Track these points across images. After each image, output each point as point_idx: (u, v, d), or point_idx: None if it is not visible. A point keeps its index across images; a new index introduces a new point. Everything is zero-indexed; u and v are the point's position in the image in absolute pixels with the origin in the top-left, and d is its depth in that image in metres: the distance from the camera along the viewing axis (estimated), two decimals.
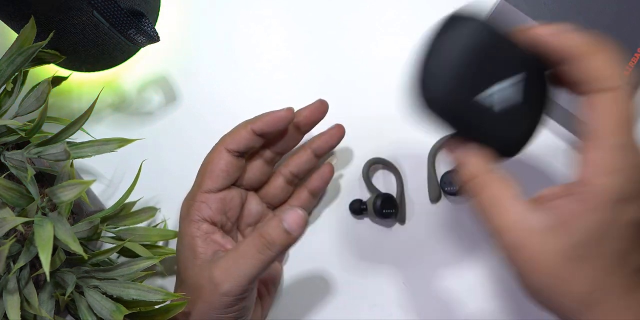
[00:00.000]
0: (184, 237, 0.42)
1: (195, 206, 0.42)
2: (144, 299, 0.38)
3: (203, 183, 0.43)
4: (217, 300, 0.39)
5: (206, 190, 0.43)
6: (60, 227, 0.36)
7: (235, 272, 0.38)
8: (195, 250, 0.41)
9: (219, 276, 0.39)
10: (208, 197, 0.43)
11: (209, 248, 0.42)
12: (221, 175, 0.43)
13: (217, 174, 0.43)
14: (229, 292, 0.38)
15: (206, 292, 0.39)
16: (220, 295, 0.39)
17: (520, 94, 0.35)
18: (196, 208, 0.42)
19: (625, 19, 0.49)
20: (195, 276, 0.40)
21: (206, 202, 0.43)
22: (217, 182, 0.43)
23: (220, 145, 0.43)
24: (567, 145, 0.52)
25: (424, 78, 0.33)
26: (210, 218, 0.43)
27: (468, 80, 0.33)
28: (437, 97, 0.33)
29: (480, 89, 0.33)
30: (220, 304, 0.39)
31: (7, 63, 0.40)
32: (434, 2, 0.53)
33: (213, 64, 0.52)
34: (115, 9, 0.40)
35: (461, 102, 0.33)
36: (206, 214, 0.43)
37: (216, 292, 0.39)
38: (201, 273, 0.40)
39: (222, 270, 0.39)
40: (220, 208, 0.43)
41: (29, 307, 0.36)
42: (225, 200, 0.43)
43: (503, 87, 0.34)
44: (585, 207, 0.31)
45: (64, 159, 0.37)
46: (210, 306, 0.39)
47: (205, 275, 0.39)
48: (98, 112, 0.51)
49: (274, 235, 0.38)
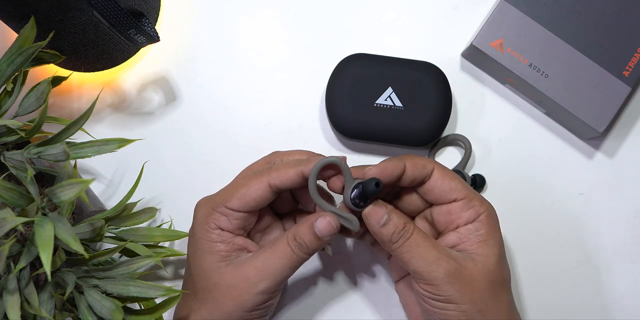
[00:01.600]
0: (203, 242, 0.42)
1: (216, 216, 0.42)
2: (145, 295, 0.38)
3: (231, 199, 0.42)
4: (250, 299, 0.41)
5: (230, 208, 0.42)
6: (61, 227, 0.35)
7: (271, 271, 0.41)
8: (218, 254, 0.42)
9: (255, 276, 0.41)
10: (230, 213, 0.42)
11: (233, 251, 0.42)
12: (252, 203, 0.42)
13: (247, 201, 0.42)
14: (265, 290, 0.41)
15: (238, 292, 0.41)
16: (256, 293, 0.41)
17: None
18: (216, 218, 0.42)
19: (625, 19, 0.49)
20: (228, 278, 0.41)
21: (227, 217, 0.42)
22: (244, 207, 0.42)
23: (265, 177, 0.42)
24: (567, 145, 0.52)
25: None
26: (228, 230, 0.43)
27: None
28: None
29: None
30: (253, 302, 0.41)
31: (7, 63, 0.40)
32: (434, 3, 0.53)
33: (213, 64, 0.52)
34: (115, 9, 0.40)
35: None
36: (224, 225, 0.42)
37: (252, 291, 0.41)
38: (232, 273, 0.41)
39: (258, 270, 0.41)
40: (240, 224, 0.43)
41: (29, 307, 0.36)
42: (246, 218, 0.43)
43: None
44: (489, 229, 0.42)
45: (64, 159, 0.37)
46: (240, 305, 0.41)
47: (239, 275, 0.41)
48: (98, 112, 0.51)
49: (306, 239, 0.41)
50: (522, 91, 0.51)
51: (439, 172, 0.42)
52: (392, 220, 0.41)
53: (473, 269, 0.40)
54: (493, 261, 0.41)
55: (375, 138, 0.49)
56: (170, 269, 0.49)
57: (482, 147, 0.51)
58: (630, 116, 0.52)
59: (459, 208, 0.42)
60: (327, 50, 0.52)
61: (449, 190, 0.42)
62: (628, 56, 0.49)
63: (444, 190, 0.42)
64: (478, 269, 0.40)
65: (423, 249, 0.40)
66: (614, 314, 0.50)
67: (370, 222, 0.41)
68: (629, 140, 0.52)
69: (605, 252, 0.51)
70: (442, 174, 0.42)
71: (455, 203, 0.42)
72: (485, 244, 0.41)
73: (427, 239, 0.41)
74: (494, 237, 0.42)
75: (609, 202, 0.51)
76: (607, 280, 0.51)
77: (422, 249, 0.40)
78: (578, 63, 0.49)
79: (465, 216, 0.42)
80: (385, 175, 0.41)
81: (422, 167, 0.42)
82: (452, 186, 0.42)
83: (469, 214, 0.42)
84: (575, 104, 0.49)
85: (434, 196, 0.43)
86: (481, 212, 0.42)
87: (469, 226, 0.42)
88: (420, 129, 0.48)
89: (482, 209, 0.42)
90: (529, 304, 0.50)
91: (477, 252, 0.41)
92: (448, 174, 0.43)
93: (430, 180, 0.42)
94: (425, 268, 0.40)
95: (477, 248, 0.41)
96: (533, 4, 0.49)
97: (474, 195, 0.42)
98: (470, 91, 0.52)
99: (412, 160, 0.42)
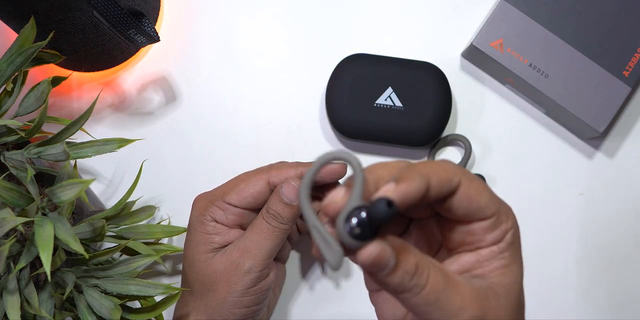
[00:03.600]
0: (199, 233, 0.43)
1: (213, 209, 0.43)
2: (144, 294, 0.38)
3: (229, 193, 0.43)
4: (239, 281, 0.41)
5: (228, 202, 0.43)
6: (61, 227, 0.36)
7: (252, 248, 0.41)
8: (211, 246, 0.42)
9: (239, 256, 0.41)
10: (228, 207, 0.43)
11: (227, 243, 0.43)
12: (249, 199, 0.43)
13: (245, 196, 0.43)
14: (251, 269, 0.41)
15: (226, 276, 0.41)
16: (244, 273, 0.41)
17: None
18: (212, 211, 0.43)
19: (625, 19, 0.49)
20: (216, 265, 0.42)
21: (224, 211, 0.43)
22: (241, 202, 0.43)
23: (265, 173, 0.43)
24: (567, 145, 0.52)
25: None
26: (224, 223, 0.43)
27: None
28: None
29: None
30: (243, 284, 0.41)
31: (7, 63, 0.40)
32: (434, 3, 0.53)
33: (213, 64, 0.52)
34: (115, 9, 0.40)
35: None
36: (220, 219, 0.43)
37: (238, 273, 0.41)
38: (221, 260, 0.42)
39: (241, 251, 0.41)
40: (236, 220, 0.43)
41: (29, 307, 0.36)
42: (244, 215, 0.43)
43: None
44: (514, 249, 0.33)
45: (64, 159, 0.37)
46: (230, 290, 0.41)
47: (225, 260, 0.41)
48: (98, 112, 0.51)
49: (277, 208, 0.41)
50: (522, 91, 0.51)
51: (465, 187, 0.31)
52: (400, 266, 0.29)
53: (496, 308, 0.32)
54: (515, 294, 0.33)
55: (375, 138, 0.49)
56: (169, 264, 0.50)
57: (482, 147, 0.51)
58: (630, 116, 0.52)
59: (484, 229, 0.32)
60: (327, 50, 0.52)
61: (477, 209, 0.32)
62: (628, 56, 0.49)
63: (471, 210, 0.32)
64: (501, 306, 0.32)
65: (443, 300, 0.30)
66: (614, 314, 0.50)
67: (368, 268, 0.29)
68: (629, 140, 0.52)
69: (605, 252, 0.51)
70: (469, 188, 0.31)
71: (480, 222, 0.32)
72: (509, 271, 0.33)
73: (448, 282, 0.31)
74: (518, 260, 0.34)
75: (609, 202, 0.51)
76: (607, 280, 0.51)
77: (442, 301, 0.30)
78: (578, 63, 0.49)
79: (490, 238, 0.33)
80: (407, 200, 0.29)
81: (448, 182, 0.31)
82: (480, 204, 0.31)
83: (495, 235, 0.33)
84: (575, 104, 0.49)
85: (454, 216, 0.32)
86: (508, 229, 0.33)
87: (493, 248, 0.33)
88: (420, 129, 0.48)
89: (509, 225, 0.33)
90: (528, 304, 0.50)
91: (499, 282, 0.33)
92: (476, 186, 0.32)
93: (455, 198, 0.31)
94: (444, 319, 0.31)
95: (500, 276, 0.33)
96: (533, 4, 0.49)
97: (501, 209, 0.33)
98: (470, 91, 0.52)
99: (437, 175, 0.30)
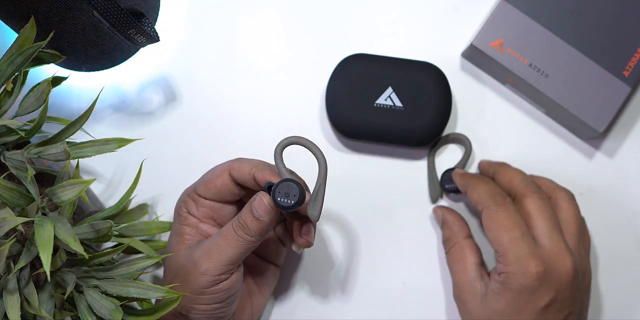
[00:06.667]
0: (175, 224, 0.44)
1: (187, 201, 0.44)
2: (144, 297, 0.38)
3: (200, 185, 0.44)
4: (195, 280, 0.40)
5: (198, 193, 0.44)
6: (61, 227, 0.36)
7: (215, 252, 0.40)
8: (182, 236, 0.43)
9: (200, 256, 0.41)
10: (198, 199, 0.44)
11: (196, 236, 0.43)
12: (214, 190, 0.43)
13: (210, 187, 0.43)
14: (207, 271, 0.40)
15: (187, 273, 0.41)
16: (199, 274, 0.40)
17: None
18: (186, 203, 0.44)
19: (625, 19, 0.49)
20: (180, 259, 0.42)
21: (196, 203, 0.44)
22: (207, 194, 0.44)
23: (228, 165, 0.43)
24: (567, 145, 0.52)
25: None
26: (195, 216, 0.44)
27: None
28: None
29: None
30: (198, 284, 0.40)
31: (7, 63, 0.40)
32: (434, 3, 0.53)
33: (213, 64, 0.52)
34: (115, 9, 0.40)
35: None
36: (193, 212, 0.44)
37: (196, 271, 0.40)
38: (185, 255, 0.42)
39: (203, 251, 0.41)
40: (207, 213, 0.44)
41: (29, 307, 0.36)
42: (214, 208, 0.44)
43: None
44: (504, 287, 0.44)
45: (64, 159, 0.37)
46: (187, 286, 0.41)
47: (188, 256, 0.41)
48: (98, 112, 0.51)
49: (246, 219, 0.40)
50: (522, 91, 0.51)
51: (484, 219, 0.46)
52: (443, 228, 0.49)
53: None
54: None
55: (375, 138, 0.49)
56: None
57: (482, 147, 0.51)
58: (630, 116, 0.52)
59: (496, 255, 0.45)
60: (327, 51, 0.52)
61: (492, 239, 0.45)
62: (628, 56, 0.49)
63: (489, 237, 0.45)
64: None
65: (455, 270, 0.47)
66: (614, 314, 0.50)
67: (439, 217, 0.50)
68: (629, 140, 0.52)
69: (606, 252, 0.51)
70: (486, 220, 0.45)
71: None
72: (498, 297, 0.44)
73: (460, 261, 0.47)
74: (506, 297, 0.44)
75: (609, 202, 0.51)
76: (607, 280, 0.51)
77: (454, 269, 0.47)
78: (578, 63, 0.49)
79: (497, 266, 0.45)
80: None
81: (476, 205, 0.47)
82: (490, 236, 0.45)
83: (498, 266, 0.45)
84: (575, 104, 0.49)
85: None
86: (502, 271, 0.44)
87: (496, 277, 0.44)
88: (420, 129, 0.48)
89: (505, 269, 0.44)
90: None
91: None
92: (493, 220, 0.45)
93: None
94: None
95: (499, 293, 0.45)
96: (533, 4, 0.49)
97: (509, 252, 0.44)
98: (470, 91, 0.52)
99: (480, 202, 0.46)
